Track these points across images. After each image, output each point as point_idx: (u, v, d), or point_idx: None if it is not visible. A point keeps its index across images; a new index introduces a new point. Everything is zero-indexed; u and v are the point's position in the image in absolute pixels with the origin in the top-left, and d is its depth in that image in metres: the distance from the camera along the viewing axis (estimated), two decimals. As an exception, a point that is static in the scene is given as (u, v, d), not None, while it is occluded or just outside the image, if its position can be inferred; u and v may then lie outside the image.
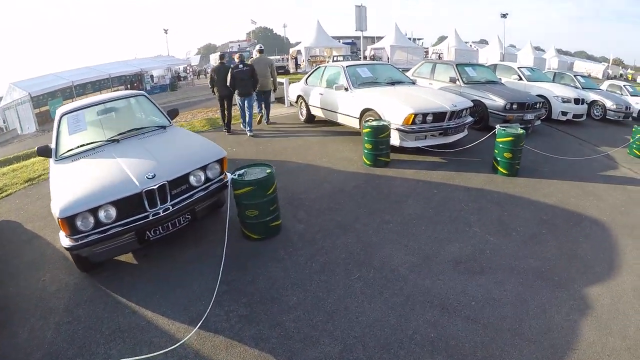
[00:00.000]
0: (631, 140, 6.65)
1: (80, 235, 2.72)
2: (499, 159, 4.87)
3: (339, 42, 38.41)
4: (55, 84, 20.59)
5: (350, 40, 43.45)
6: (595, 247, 3.42)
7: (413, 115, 5.02)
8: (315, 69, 7.85)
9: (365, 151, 5.13)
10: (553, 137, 7.42)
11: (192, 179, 3.16)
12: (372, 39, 45.36)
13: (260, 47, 7.51)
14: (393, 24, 30.10)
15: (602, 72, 36.49)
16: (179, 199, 3.07)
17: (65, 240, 2.73)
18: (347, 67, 6.61)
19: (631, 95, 11.76)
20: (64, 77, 21.68)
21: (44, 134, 15.62)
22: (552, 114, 8.69)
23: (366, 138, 5.00)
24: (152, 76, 30.01)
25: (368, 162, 5.18)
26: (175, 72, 30.69)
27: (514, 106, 6.81)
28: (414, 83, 6.77)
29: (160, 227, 3.00)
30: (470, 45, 37.14)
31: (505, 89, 7.57)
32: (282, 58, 34.44)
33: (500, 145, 4.80)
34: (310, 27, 30.05)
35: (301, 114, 8.31)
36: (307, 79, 8.00)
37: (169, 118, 4.29)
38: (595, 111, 10.21)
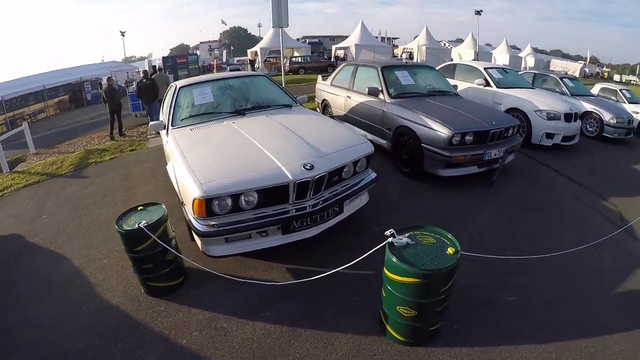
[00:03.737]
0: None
1: None
2: (387, 313, 1.99)
3: (306, 42, 35.64)
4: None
5: (317, 40, 40.70)
6: None
7: (203, 202, 2.15)
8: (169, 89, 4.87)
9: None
10: (532, 184, 4.59)
11: None
12: (344, 39, 42.57)
13: (159, 65, 9.93)
14: (359, 21, 27.27)
15: (579, 71, 34.93)
16: None
17: None
18: (180, 87, 3.68)
19: (629, 103, 9.16)
20: (-10, 91, 18.97)
21: None
22: (531, 136, 5.92)
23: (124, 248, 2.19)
24: (100, 84, 27.02)
25: (142, 287, 2.46)
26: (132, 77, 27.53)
27: (467, 137, 3.99)
28: (290, 106, 3.77)
29: None
30: (444, 44, 34.76)
31: (457, 105, 4.65)
32: (240, 61, 31.16)
33: (390, 289, 1.90)
34: (269, 27, 27.16)
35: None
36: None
37: None
38: (588, 126, 7.53)
